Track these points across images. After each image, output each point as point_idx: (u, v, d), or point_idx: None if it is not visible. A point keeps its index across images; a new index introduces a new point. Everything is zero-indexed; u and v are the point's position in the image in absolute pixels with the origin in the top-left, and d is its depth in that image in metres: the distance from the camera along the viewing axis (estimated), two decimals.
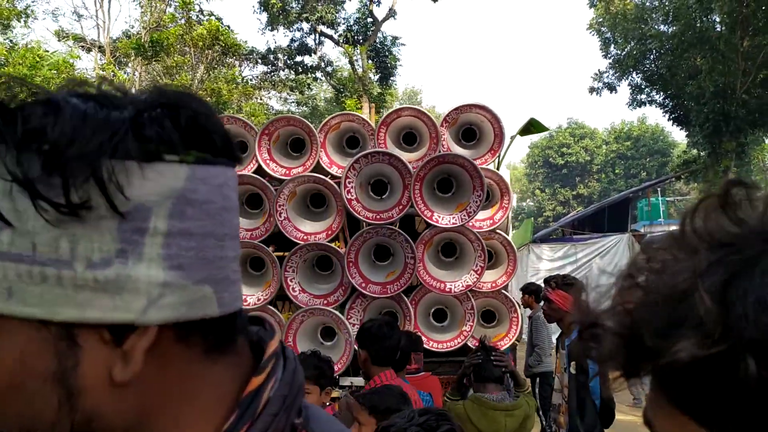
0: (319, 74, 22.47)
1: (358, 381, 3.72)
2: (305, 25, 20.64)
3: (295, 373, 0.55)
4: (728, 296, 0.34)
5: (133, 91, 0.51)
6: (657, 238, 0.43)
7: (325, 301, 3.99)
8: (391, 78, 21.11)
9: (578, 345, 0.44)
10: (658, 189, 22.67)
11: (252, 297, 4.06)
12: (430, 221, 3.88)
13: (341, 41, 20.38)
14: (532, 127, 5.99)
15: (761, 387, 0.31)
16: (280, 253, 4.06)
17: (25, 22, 15.86)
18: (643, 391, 6.26)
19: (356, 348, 2.95)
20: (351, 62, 20.05)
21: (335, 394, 3.55)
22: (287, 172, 4.17)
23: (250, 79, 21.31)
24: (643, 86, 18.41)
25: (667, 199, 28.40)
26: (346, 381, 3.89)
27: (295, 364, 0.56)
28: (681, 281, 0.37)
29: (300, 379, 0.56)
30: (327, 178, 3.98)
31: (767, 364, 0.31)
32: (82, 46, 18.24)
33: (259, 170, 4.19)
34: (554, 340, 4.98)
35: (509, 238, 4.27)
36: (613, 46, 18.56)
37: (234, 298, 0.53)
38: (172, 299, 0.47)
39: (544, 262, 13.61)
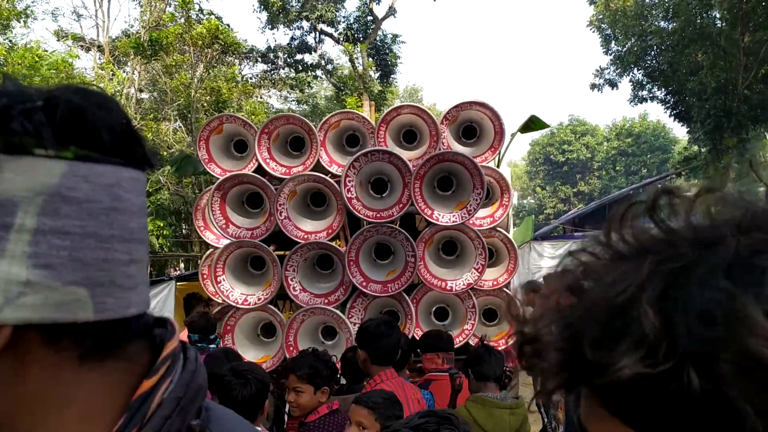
0: (319, 72, 22.45)
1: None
2: (305, 24, 20.62)
3: (194, 374, 0.54)
4: (667, 309, 0.34)
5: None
6: (585, 243, 0.42)
7: (326, 300, 3.98)
8: (392, 76, 21.08)
9: (519, 360, 0.43)
10: (659, 185, 22.54)
11: (252, 296, 4.05)
12: (430, 219, 3.87)
13: (341, 39, 20.35)
14: (532, 124, 5.97)
15: (704, 398, 0.31)
16: (281, 252, 4.05)
17: (25, 22, 15.85)
18: None
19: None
20: (351, 60, 20.02)
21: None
22: (287, 171, 4.16)
23: (250, 78, 21.29)
24: (644, 82, 18.36)
25: None
26: None
27: (195, 365, 0.55)
28: (619, 292, 0.36)
29: (200, 380, 0.54)
30: (327, 177, 3.97)
31: (709, 376, 0.31)
32: (81, 46, 18.24)
33: (259, 169, 4.18)
34: None
35: (510, 235, 4.26)
36: (613, 42, 18.51)
37: (124, 305, 0.50)
38: (35, 299, 0.45)
39: (545, 260, 13.57)
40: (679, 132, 39.51)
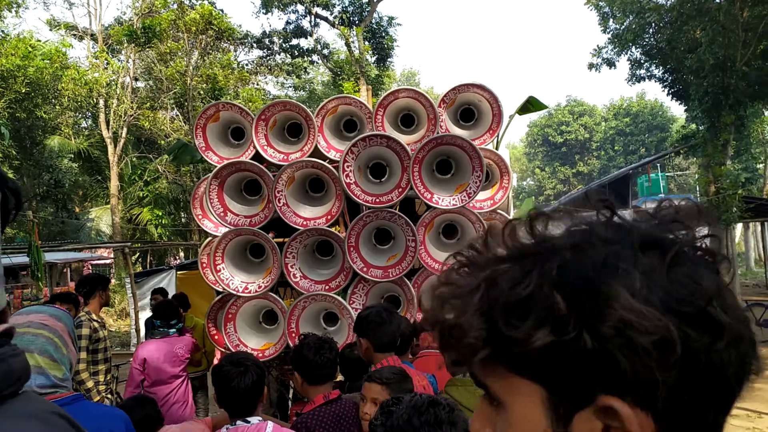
0: (315, 57, 22.27)
1: None
2: (300, 8, 20.40)
3: None
4: (565, 295, 0.46)
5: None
6: (466, 251, 0.55)
7: (327, 287, 3.98)
8: (389, 59, 20.92)
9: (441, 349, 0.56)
10: (658, 164, 22.56)
11: (253, 284, 4.05)
12: (430, 203, 3.85)
13: (337, 23, 20.14)
14: (530, 105, 5.93)
15: (593, 352, 0.45)
16: (280, 240, 4.04)
17: (17, 12, 15.65)
18: None
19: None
20: (347, 44, 19.83)
21: (338, 378, 3.54)
22: (285, 157, 4.13)
23: (246, 64, 21.12)
24: (642, 61, 18.21)
25: (667, 174, 28.31)
26: None
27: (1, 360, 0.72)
28: (525, 285, 0.48)
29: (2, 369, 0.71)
30: (326, 163, 3.94)
31: (597, 337, 0.45)
32: (74, 35, 18.06)
33: (257, 156, 4.15)
34: None
35: (511, 218, 4.25)
36: (611, 20, 18.31)
37: None
38: None
39: None
40: (677, 110, 39.40)
